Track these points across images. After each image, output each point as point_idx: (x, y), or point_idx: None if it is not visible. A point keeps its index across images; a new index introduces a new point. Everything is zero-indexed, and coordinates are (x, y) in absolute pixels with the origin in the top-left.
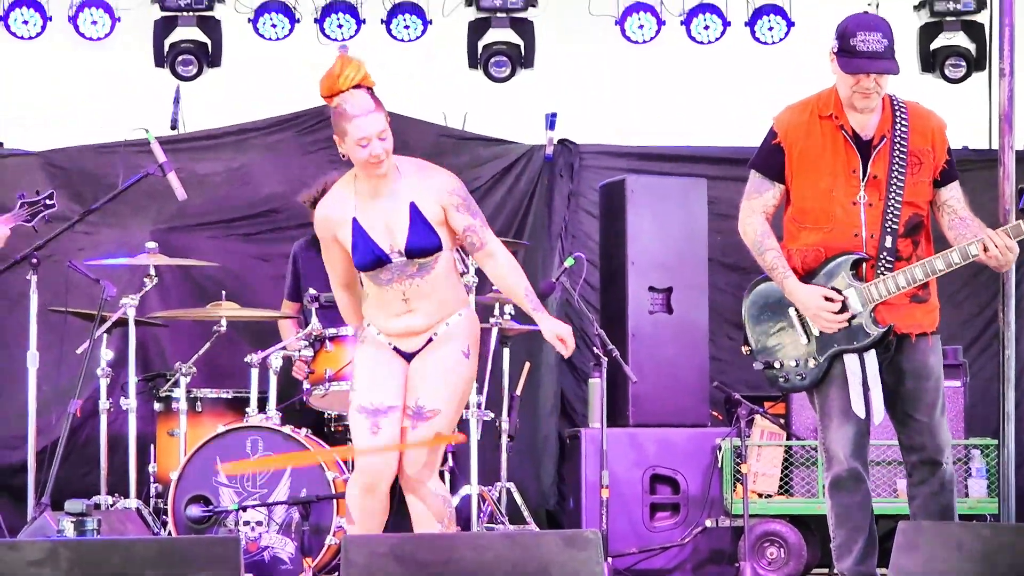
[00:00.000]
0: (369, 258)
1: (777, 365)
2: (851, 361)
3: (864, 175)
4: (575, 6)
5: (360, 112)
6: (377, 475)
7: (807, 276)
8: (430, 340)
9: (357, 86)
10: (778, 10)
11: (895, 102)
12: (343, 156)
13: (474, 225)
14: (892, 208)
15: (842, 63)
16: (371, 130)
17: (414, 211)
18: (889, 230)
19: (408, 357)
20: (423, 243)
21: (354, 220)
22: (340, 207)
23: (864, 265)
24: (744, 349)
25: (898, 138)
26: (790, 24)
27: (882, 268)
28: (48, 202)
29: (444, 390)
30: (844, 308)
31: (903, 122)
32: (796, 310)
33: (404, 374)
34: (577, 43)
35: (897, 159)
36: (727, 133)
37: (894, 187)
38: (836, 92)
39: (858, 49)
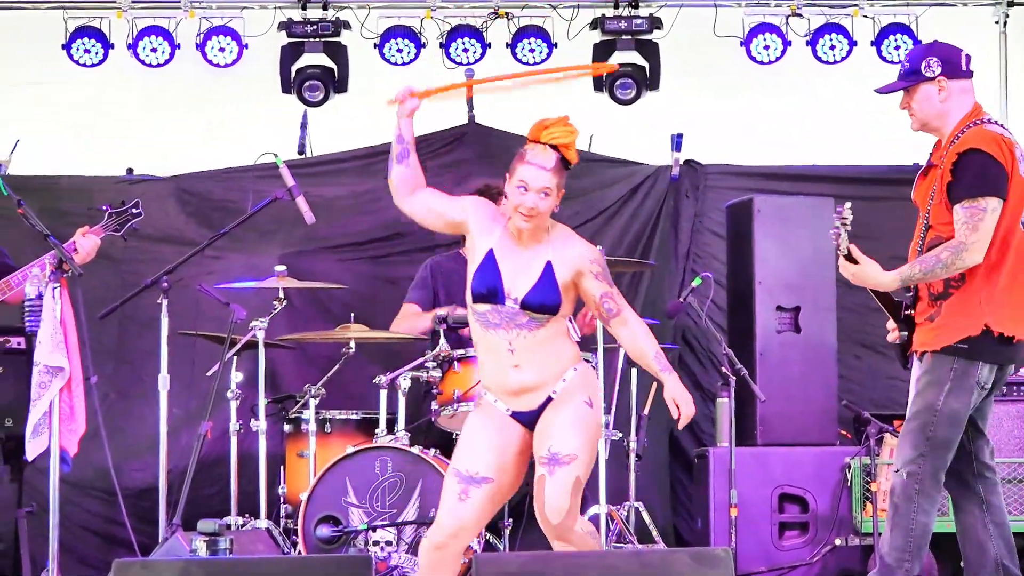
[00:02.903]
0: (486, 287)
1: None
2: None
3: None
4: (700, 27)
5: (535, 163)
6: (451, 537)
7: None
8: (549, 399)
9: (556, 148)
10: (904, 29)
11: (965, 128)
12: (504, 195)
13: (611, 292)
14: (922, 232)
15: None
16: (534, 182)
17: (548, 269)
18: (918, 254)
19: (526, 422)
20: (544, 299)
21: (491, 250)
22: (490, 223)
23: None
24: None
25: (943, 163)
26: (916, 43)
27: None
28: (134, 211)
29: (576, 438)
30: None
31: (950, 146)
32: None
33: (515, 446)
34: (702, 64)
35: (937, 184)
36: (854, 152)
37: (927, 212)
38: None
39: None
